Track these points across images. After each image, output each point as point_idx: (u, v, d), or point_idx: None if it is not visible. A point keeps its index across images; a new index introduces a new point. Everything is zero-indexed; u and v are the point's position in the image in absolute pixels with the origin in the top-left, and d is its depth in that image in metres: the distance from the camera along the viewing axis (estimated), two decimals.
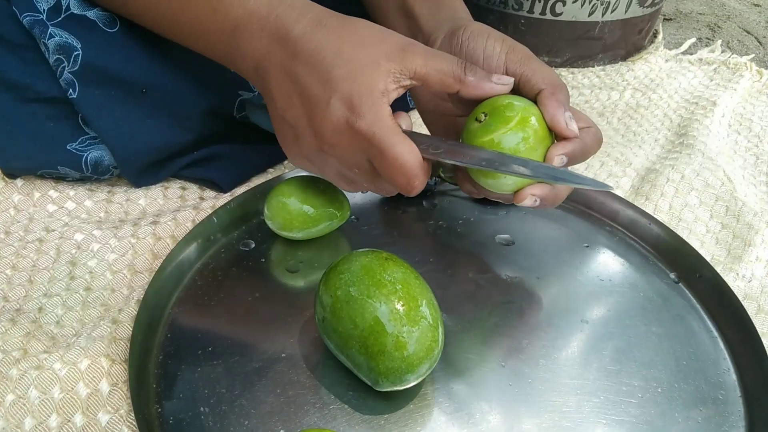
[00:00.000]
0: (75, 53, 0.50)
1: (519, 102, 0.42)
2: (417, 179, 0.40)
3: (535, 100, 0.43)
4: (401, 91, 0.41)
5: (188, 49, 0.49)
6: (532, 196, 0.43)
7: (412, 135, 0.41)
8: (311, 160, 0.43)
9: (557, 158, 0.41)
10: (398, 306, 0.37)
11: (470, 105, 0.44)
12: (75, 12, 0.50)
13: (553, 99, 0.42)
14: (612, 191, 0.44)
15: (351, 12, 0.43)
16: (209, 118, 0.57)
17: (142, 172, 0.58)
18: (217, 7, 0.43)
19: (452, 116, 0.49)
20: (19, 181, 0.58)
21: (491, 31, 0.47)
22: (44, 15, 0.49)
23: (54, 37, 0.49)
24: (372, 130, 0.39)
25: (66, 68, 0.50)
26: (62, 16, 0.49)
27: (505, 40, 0.46)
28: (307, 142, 0.42)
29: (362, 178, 0.43)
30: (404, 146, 0.39)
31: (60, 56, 0.50)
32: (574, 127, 0.42)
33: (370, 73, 0.39)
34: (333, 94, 0.39)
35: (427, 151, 0.40)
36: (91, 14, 0.50)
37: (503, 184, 0.43)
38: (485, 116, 0.42)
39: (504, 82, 0.43)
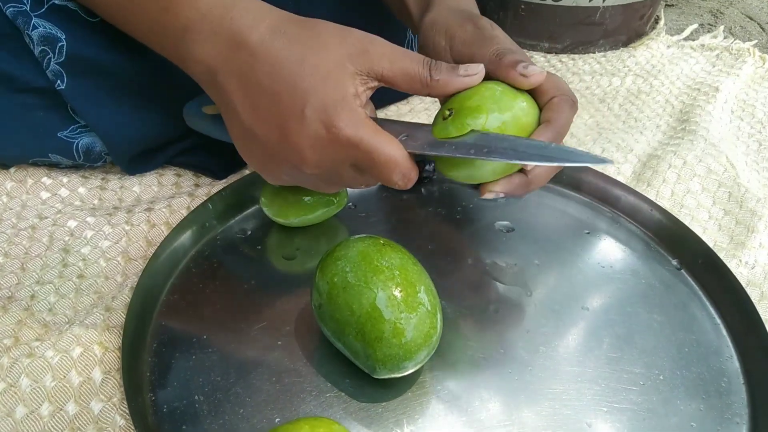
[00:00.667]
0: (59, 44, 0.48)
1: (489, 98, 0.40)
2: (412, 172, 0.39)
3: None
4: (369, 93, 0.39)
5: None
6: (491, 192, 0.41)
7: (385, 126, 0.39)
8: (291, 175, 0.41)
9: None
10: (396, 292, 0.36)
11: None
12: (57, 2, 0.48)
13: (500, 66, 0.40)
14: (612, 165, 0.39)
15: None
16: None
17: (135, 160, 0.57)
18: (167, 7, 0.40)
19: None
20: (12, 168, 0.57)
21: (438, 21, 0.45)
22: (28, 6, 0.48)
23: (38, 28, 0.48)
24: (358, 136, 0.37)
25: (52, 59, 0.49)
26: (45, 6, 0.48)
27: (449, 29, 0.44)
28: (283, 159, 0.39)
29: (348, 181, 0.41)
30: (392, 145, 0.38)
31: (45, 47, 0.49)
32: (532, 70, 0.40)
33: (338, 79, 0.37)
34: (305, 106, 0.37)
35: (407, 143, 0.39)
36: (72, 4, 0.49)
37: (473, 176, 0.42)
38: (450, 114, 0.40)
39: (472, 72, 0.40)
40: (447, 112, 0.40)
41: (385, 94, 0.39)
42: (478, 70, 0.40)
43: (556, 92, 0.41)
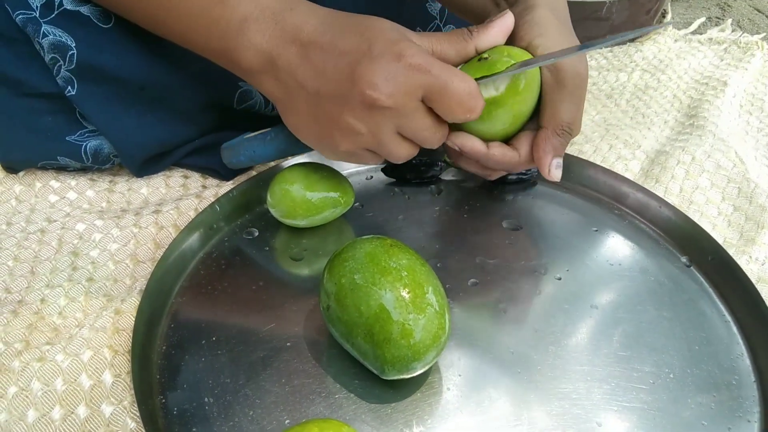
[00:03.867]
0: (70, 52, 0.48)
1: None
2: (481, 99, 0.41)
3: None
4: None
5: None
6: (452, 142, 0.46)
7: None
8: (365, 122, 0.41)
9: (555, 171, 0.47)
10: (404, 293, 0.36)
11: None
12: (68, 8, 0.48)
13: (548, 142, 0.46)
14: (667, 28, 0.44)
15: None
16: (210, 112, 0.57)
17: (145, 163, 0.57)
18: (224, 0, 0.42)
19: None
20: (20, 172, 0.57)
21: (544, 31, 0.45)
22: (37, 12, 0.48)
23: (48, 35, 0.48)
24: (429, 62, 0.39)
25: (63, 67, 0.49)
26: (55, 12, 0.48)
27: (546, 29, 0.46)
28: (357, 103, 0.40)
29: (420, 124, 0.42)
30: (460, 72, 0.40)
31: (55, 55, 0.49)
32: (554, 174, 0.47)
33: (399, 30, 0.40)
34: (372, 46, 0.39)
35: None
36: (85, 10, 0.49)
37: (494, 127, 0.46)
38: (487, 57, 0.44)
39: (501, 15, 0.45)
40: (485, 54, 0.44)
41: None
42: (506, 12, 0.45)
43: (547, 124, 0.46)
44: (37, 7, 0.48)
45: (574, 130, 0.46)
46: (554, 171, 0.47)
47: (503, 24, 0.44)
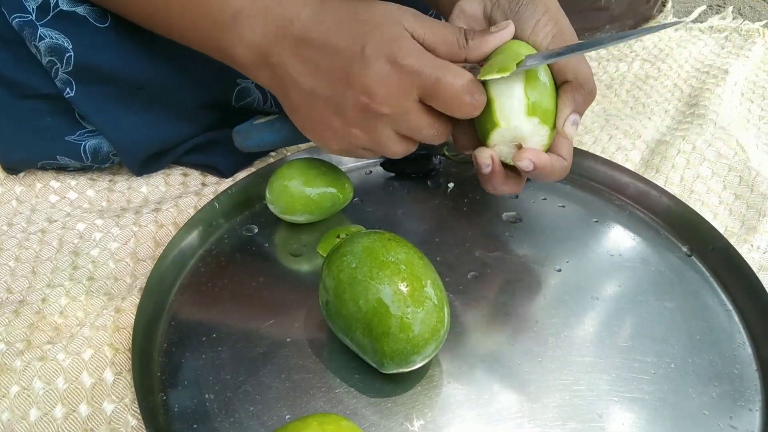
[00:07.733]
0: (67, 54, 0.48)
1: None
2: (479, 92, 0.40)
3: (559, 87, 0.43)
4: None
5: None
6: (528, 160, 0.42)
7: None
8: (361, 126, 0.41)
9: (525, 161, 0.42)
10: (402, 287, 0.36)
11: None
12: (64, 9, 0.48)
13: (570, 94, 0.42)
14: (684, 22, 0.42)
15: None
16: (208, 110, 0.56)
17: (144, 162, 0.57)
18: None
19: None
20: (21, 173, 0.57)
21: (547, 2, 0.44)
22: (33, 15, 0.48)
23: (44, 38, 0.48)
24: (421, 62, 0.38)
25: (60, 69, 0.49)
26: (51, 14, 0.48)
27: (558, 22, 0.44)
28: (351, 106, 0.40)
29: (418, 123, 0.41)
30: (455, 68, 0.39)
31: (52, 58, 0.49)
32: (569, 130, 0.42)
33: (392, 24, 0.39)
34: (365, 47, 0.38)
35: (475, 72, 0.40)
36: (81, 10, 0.49)
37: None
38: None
39: (502, 27, 0.42)
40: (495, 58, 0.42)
41: None
42: (508, 24, 0.42)
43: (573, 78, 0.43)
44: (33, 9, 0.48)
45: (589, 84, 0.43)
46: (569, 127, 0.42)
47: (501, 38, 0.42)
